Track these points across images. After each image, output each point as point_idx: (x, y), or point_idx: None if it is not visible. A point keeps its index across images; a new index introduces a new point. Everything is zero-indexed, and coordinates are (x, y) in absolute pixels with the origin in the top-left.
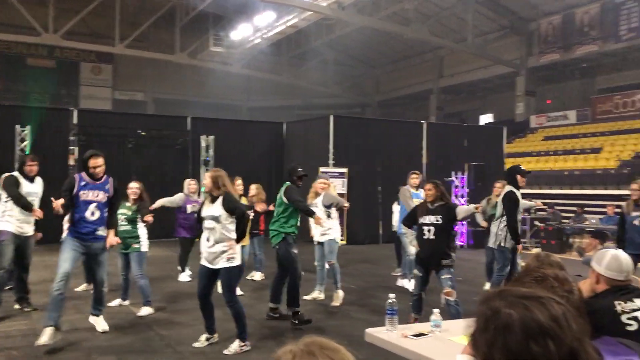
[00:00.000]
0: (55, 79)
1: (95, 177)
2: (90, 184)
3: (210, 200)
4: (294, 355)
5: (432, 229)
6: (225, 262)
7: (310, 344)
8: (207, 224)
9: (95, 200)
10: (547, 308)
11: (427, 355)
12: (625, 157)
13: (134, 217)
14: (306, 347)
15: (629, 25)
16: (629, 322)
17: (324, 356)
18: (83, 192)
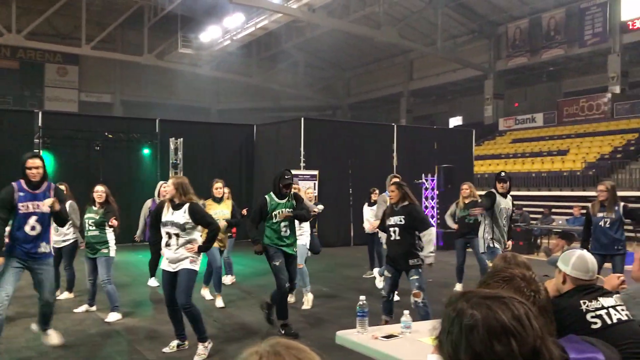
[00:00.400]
0: (18, 80)
1: (33, 182)
2: (29, 194)
3: (172, 206)
4: (260, 356)
5: (397, 229)
6: (188, 264)
7: (276, 345)
8: (170, 230)
9: (36, 212)
10: (509, 308)
11: (398, 357)
12: (591, 159)
13: (102, 221)
14: (272, 347)
15: (593, 30)
16: (594, 320)
17: (290, 356)
18: (22, 205)
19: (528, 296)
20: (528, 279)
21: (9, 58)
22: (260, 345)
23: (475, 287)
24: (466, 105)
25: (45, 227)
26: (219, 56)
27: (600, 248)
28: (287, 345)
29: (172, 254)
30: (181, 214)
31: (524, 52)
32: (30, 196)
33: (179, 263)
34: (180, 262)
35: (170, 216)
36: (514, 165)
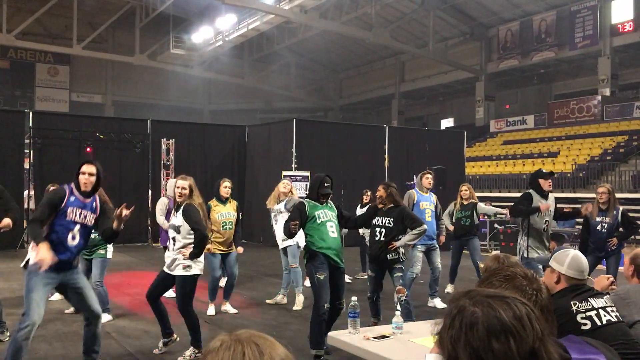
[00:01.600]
0: (9, 80)
1: (85, 190)
2: (79, 201)
3: (175, 208)
4: (222, 342)
5: (383, 230)
6: (182, 271)
7: (240, 334)
8: (170, 233)
9: (81, 223)
10: (511, 307)
11: (389, 357)
12: (581, 161)
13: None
14: (235, 335)
15: (583, 32)
16: (584, 321)
17: (250, 343)
18: (70, 210)
19: (530, 295)
20: (530, 278)
21: (0, 58)
22: (227, 334)
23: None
24: (457, 107)
25: (82, 240)
26: (211, 57)
27: (596, 250)
28: (251, 334)
29: (169, 256)
30: (179, 216)
31: (515, 54)
32: (80, 203)
33: (175, 267)
34: (176, 267)
35: (172, 220)
36: (504, 167)
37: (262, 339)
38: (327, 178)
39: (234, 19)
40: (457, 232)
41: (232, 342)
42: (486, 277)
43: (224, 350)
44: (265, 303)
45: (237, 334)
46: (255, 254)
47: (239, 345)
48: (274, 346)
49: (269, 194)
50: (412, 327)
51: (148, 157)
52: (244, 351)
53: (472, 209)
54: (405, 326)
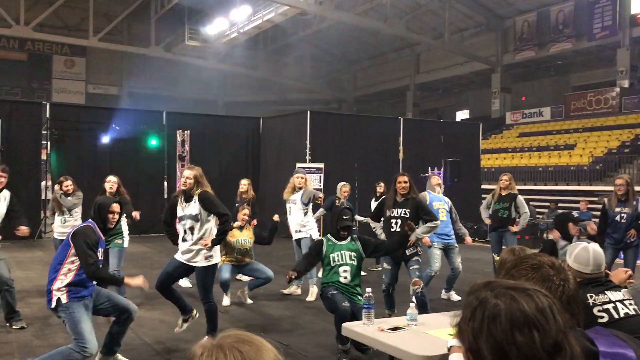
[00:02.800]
0: (27, 72)
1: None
2: (102, 240)
3: (184, 199)
4: (203, 349)
5: (399, 221)
6: (204, 261)
7: (223, 338)
8: (187, 224)
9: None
10: (534, 300)
11: (404, 349)
12: (598, 153)
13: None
14: (219, 340)
15: (602, 23)
16: (600, 314)
17: (233, 349)
18: (100, 251)
19: (557, 285)
20: (557, 267)
21: (18, 50)
22: (210, 339)
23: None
24: (473, 99)
25: None
26: (225, 49)
27: (614, 242)
28: (236, 338)
29: (187, 247)
30: (192, 205)
31: (531, 45)
32: (102, 242)
33: (195, 259)
34: (196, 258)
35: (185, 210)
36: (520, 159)
37: (247, 344)
38: (346, 210)
39: (249, 11)
40: (494, 223)
41: (213, 350)
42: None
43: (206, 359)
44: (279, 293)
45: (221, 340)
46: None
47: (220, 353)
48: (260, 352)
49: (283, 186)
50: (426, 319)
51: (163, 148)
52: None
53: (512, 200)
54: (420, 318)
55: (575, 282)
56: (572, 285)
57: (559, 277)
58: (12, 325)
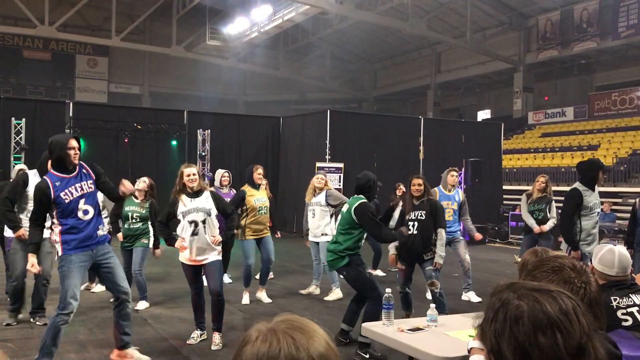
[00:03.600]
0: (51, 71)
1: (68, 166)
2: (65, 179)
3: (188, 195)
4: (258, 333)
5: (415, 224)
6: (217, 256)
7: (278, 323)
8: (196, 217)
9: (83, 194)
10: (557, 302)
11: (424, 350)
12: (622, 154)
13: (147, 216)
14: (273, 325)
15: (627, 22)
16: (624, 317)
17: (286, 335)
18: (64, 193)
19: (579, 287)
20: (579, 270)
21: (42, 49)
22: (266, 323)
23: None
24: (495, 99)
25: (96, 208)
26: (246, 48)
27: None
28: (290, 324)
29: (200, 242)
30: (204, 200)
31: (554, 44)
32: (66, 181)
33: (207, 255)
34: (209, 253)
35: (193, 203)
36: (543, 160)
37: (300, 331)
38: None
39: (270, 10)
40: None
41: (268, 334)
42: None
43: (260, 343)
44: (298, 293)
45: (275, 324)
46: (289, 244)
47: (274, 338)
48: (313, 339)
49: (303, 185)
50: (446, 320)
51: (184, 147)
52: (280, 346)
53: (548, 203)
54: (440, 319)
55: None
56: (593, 287)
57: (580, 279)
58: (37, 321)
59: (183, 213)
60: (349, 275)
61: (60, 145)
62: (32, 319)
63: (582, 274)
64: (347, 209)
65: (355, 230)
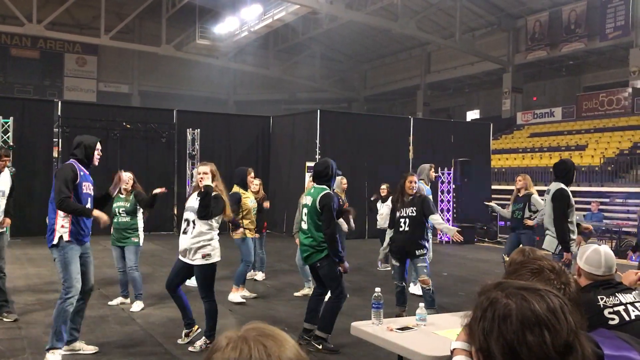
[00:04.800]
0: (39, 69)
1: (92, 165)
2: (86, 174)
3: (197, 193)
4: (228, 341)
5: (407, 220)
6: (201, 260)
7: (248, 330)
8: (189, 216)
9: (90, 194)
10: (545, 300)
11: (413, 349)
12: (610, 154)
13: (133, 208)
14: (243, 333)
15: (615, 23)
16: (611, 316)
17: (257, 343)
18: (84, 184)
19: (558, 289)
20: (558, 271)
21: (30, 48)
22: (236, 330)
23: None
24: (484, 99)
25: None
26: (236, 47)
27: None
28: (260, 331)
29: (187, 241)
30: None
31: (543, 45)
32: (86, 176)
33: (194, 256)
34: (195, 256)
35: (190, 202)
36: (531, 159)
37: (271, 339)
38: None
39: (260, 10)
40: (511, 224)
41: (239, 342)
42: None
43: (230, 351)
44: (290, 293)
45: (245, 332)
46: (279, 243)
47: (245, 345)
48: (284, 346)
49: (293, 185)
50: (436, 319)
51: (174, 146)
52: (251, 354)
53: (526, 201)
54: (429, 318)
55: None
56: (573, 288)
57: (560, 280)
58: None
59: (185, 209)
60: (324, 268)
61: (91, 146)
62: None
63: (561, 275)
64: (310, 201)
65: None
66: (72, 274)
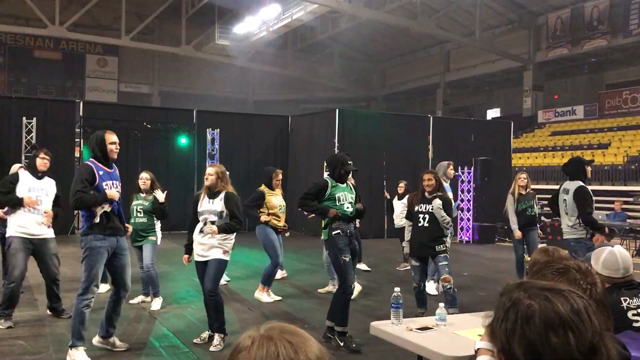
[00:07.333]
0: (61, 71)
1: (111, 160)
2: (107, 173)
3: (208, 195)
4: (253, 340)
5: (427, 217)
6: (221, 254)
7: (270, 329)
8: (207, 217)
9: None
10: (569, 301)
11: (433, 349)
12: (633, 152)
13: (151, 208)
14: (266, 332)
15: (639, 19)
16: (635, 318)
17: (282, 340)
18: (105, 184)
19: (584, 289)
20: (584, 271)
21: (52, 49)
22: (257, 330)
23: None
24: (504, 97)
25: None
26: (255, 47)
27: None
28: (282, 329)
29: (205, 239)
30: (218, 202)
31: (565, 42)
32: (108, 175)
33: (210, 251)
34: (212, 251)
35: (208, 205)
36: (552, 158)
37: (295, 335)
38: (347, 156)
39: (279, 9)
40: (521, 222)
41: (264, 340)
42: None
43: (257, 349)
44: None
45: (268, 331)
46: (298, 243)
47: (271, 343)
48: (308, 343)
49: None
50: (455, 319)
51: (193, 146)
52: (278, 351)
53: (534, 197)
54: (449, 318)
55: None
56: (599, 289)
57: (586, 280)
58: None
59: (198, 213)
60: (328, 252)
61: (101, 139)
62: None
63: (587, 275)
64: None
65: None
66: (95, 279)
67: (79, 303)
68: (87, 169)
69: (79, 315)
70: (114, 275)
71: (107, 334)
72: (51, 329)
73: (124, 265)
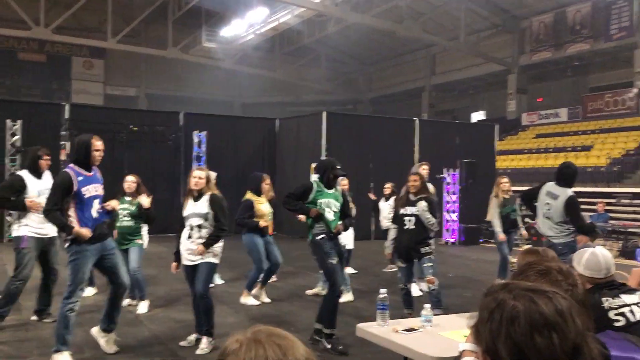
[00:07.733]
0: (46, 73)
1: (93, 165)
2: (87, 177)
3: (193, 198)
4: (240, 344)
5: (412, 219)
6: (211, 257)
7: (258, 332)
8: (193, 222)
9: (98, 195)
10: (553, 302)
11: (418, 350)
12: (616, 155)
13: (137, 212)
14: (253, 335)
15: (619, 24)
16: (617, 317)
17: (270, 343)
18: (85, 189)
19: (565, 290)
20: (565, 273)
21: (37, 51)
22: (244, 333)
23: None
24: (489, 100)
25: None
26: (242, 50)
27: None
28: (270, 332)
29: (191, 244)
30: (203, 204)
31: (548, 46)
32: (88, 179)
33: (200, 255)
34: (202, 255)
35: (192, 208)
36: (536, 160)
37: (283, 338)
38: (336, 161)
39: (266, 12)
40: (506, 226)
41: (252, 344)
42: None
43: (245, 352)
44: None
45: (255, 334)
46: (285, 245)
47: (259, 346)
48: (296, 345)
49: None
50: (441, 320)
51: (180, 149)
52: (267, 354)
53: (514, 201)
54: (435, 319)
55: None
56: (580, 290)
57: (567, 282)
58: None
59: (185, 217)
60: (315, 257)
61: (86, 143)
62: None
63: (568, 276)
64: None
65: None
66: (81, 282)
67: (64, 307)
68: (65, 179)
69: (64, 319)
70: (108, 276)
71: (109, 327)
72: (36, 333)
73: (114, 265)
